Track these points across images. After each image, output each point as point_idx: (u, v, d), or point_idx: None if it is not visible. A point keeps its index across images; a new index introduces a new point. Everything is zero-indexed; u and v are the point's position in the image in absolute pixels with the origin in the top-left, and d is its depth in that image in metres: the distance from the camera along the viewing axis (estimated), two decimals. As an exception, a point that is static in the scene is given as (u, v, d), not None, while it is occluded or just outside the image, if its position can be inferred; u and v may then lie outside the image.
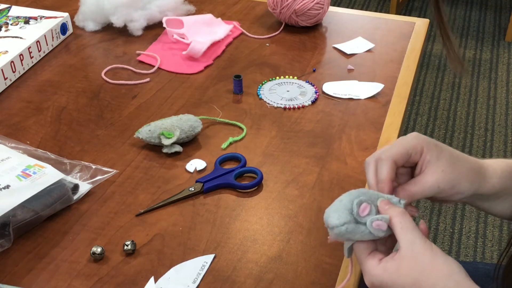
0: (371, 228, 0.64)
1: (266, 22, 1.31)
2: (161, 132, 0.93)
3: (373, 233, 0.64)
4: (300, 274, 0.76)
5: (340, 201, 0.66)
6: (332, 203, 0.67)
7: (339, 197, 0.67)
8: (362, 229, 0.64)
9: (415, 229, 0.63)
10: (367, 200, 0.65)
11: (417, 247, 0.62)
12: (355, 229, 0.64)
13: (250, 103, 1.06)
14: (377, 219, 0.64)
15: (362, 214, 0.64)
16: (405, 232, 0.63)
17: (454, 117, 2.48)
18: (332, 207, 0.66)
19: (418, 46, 1.23)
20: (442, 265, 0.62)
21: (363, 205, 0.65)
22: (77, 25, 1.29)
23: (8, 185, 0.82)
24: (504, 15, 3.19)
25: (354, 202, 0.65)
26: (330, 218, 0.65)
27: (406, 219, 0.63)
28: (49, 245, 0.79)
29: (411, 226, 0.63)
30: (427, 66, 2.80)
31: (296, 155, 0.95)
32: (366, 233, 0.64)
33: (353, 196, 0.66)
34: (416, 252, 0.62)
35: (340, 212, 0.65)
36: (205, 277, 0.75)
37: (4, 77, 1.09)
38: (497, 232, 1.95)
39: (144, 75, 1.14)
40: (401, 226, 0.63)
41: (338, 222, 0.64)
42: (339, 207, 0.65)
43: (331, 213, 0.65)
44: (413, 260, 0.62)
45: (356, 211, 0.64)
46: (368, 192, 0.68)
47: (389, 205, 0.66)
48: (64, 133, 0.99)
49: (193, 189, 0.87)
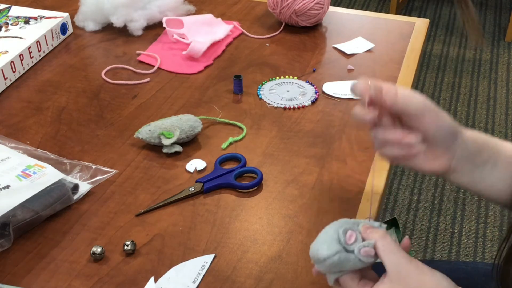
0: (359, 256, 0.63)
1: (266, 22, 1.31)
2: (161, 132, 0.93)
3: (363, 261, 0.63)
4: (300, 274, 0.76)
5: (325, 233, 0.65)
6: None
7: (322, 230, 0.66)
8: (352, 258, 0.64)
9: (398, 250, 0.63)
10: (351, 227, 0.65)
11: (403, 268, 0.62)
12: (347, 257, 0.63)
13: (250, 103, 1.06)
14: (364, 245, 0.63)
15: (349, 242, 0.64)
16: (388, 254, 0.63)
17: (454, 117, 2.48)
18: (319, 240, 0.65)
19: (418, 46, 1.23)
20: (430, 281, 0.62)
21: (349, 233, 0.64)
22: (77, 25, 1.29)
23: (8, 185, 0.82)
24: (504, 15, 3.19)
25: (340, 231, 0.64)
26: (320, 250, 0.64)
27: (387, 241, 0.63)
28: (49, 245, 0.79)
29: (393, 248, 0.63)
30: (427, 66, 2.80)
31: (296, 155, 0.95)
32: (357, 261, 0.64)
33: (336, 226, 0.66)
34: (403, 274, 0.62)
35: (328, 243, 0.64)
36: (205, 277, 0.75)
37: (4, 77, 1.09)
38: (497, 232, 1.95)
39: (144, 75, 1.14)
40: (383, 249, 0.63)
41: (329, 252, 0.63)
42: (326, 239, 0.64)
43: (320, 246, 0.64)
44: (401, 281, 0.62)
45: (344, 240, 0.64)
46: (350, 221, 0.67)
47: (369, 229, 0.65)
48: (64, 133, 0.99)
49: (193, 189, 0.87)
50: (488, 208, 2.05)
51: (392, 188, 2.13)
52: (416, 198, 2.09)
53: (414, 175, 2.19)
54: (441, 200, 2.08)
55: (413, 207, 2.06)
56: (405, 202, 2.08)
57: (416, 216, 2.02)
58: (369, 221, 0.67)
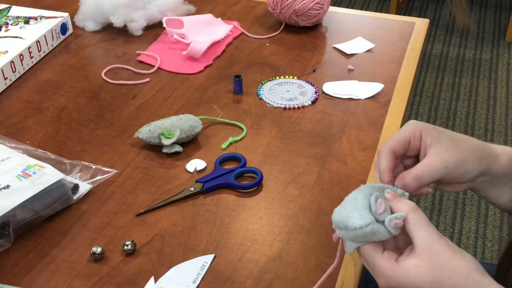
0: (389, 227, 0.60)
1: (266, 22, 1.31)
2: (161, 132, 0.93)
3: (391, 232, 0.61)
4: (300, 274, 0.76)
5: (354, 199, 0.62)
6: (336, 202, 0.64)
7: (350, 195, 0.63)
8: (383, 229, 0.60)
9: (430, 225, 0.61)
10: (380, 195, 0.62)
11: (435, 244, 0.60)
12: (379, 229, 0.60)
13: (250, 103, 1.06)
14: (395, 217, 0.60)
15: (379, 211, 0.61)
16: (420, 229, 0.60)
17: (454, 117, 2.48)
18: (348, 206, 0.61)
19: (418, 46, 1.23)
20: (461, 263, 0.60)
21: (379, 201, 0.61)
22: (77, 25, 1.29)
23: (8, 185, 0.82)
24: (504, 15, 3.19)
25: (371, 199, 0.61)
26: (351, 219, 0.60)
27: (419, 215, 0.61)
28: (49, 245, 0.79)
29: (425, 222, 0.61)
30: (427, 66, 2.80)
31: (296, 155, 0.95)
32: (386, 232, 0.61)
33: (366, 192, 0.62)
34: (434, 250, 0.60)
35: (360, 211, 0.60)
36: (205, 277, 0.75)
37: (4, 77, 1.09)
38: (497, 232, 1.95)
39: (144, 75, 1.14)
40: (414, 223, 0.61)
41: (362, 222, 0.60)
42: (357, 207, 0.61)
43: (351, 214, 0.60)
44: (431, 259, 0.59)
45: (375, 209, 0.60)
46: (376, 185, 0.64)
47: (397, 198, 0.63)
48: (64, 133, 0.99)
49: (193, 189, 0.87)
50: (488, 208, 2.05)
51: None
52: (416, 198, 2.09)
53: (414, 175, 2.19)
54: (441, 200, 2.08)
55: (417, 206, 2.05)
56: (405, 202, 2.08)
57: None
58: (393, 187, 0.65)
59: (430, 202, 2.07)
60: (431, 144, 0.68)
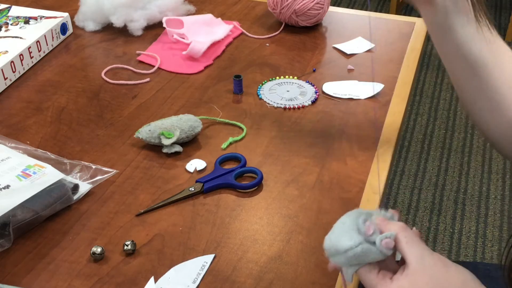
0: (380, 247, 0.61)
1: (266, 22, 1.31)
2: (161, 132, 0.93)
3: (384, 253, 0.62)
4: (300, 274, 0.76)
5: (343, 224, 0.63)
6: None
7: (338, 221, 0.64)
8: (374, 249, 0.61)
9: (420, 242, 0.62)
10: (368, 218, 0.63)
11: (427, 259, 0.61)
12: (369, 249, 0.61)
13: (250, 103, 1.06)
14: (386, 236, 0.61)
15: (368, 233, 0.62)
16: (411, 246, 0.61)
17: (454, 117, 2.48)
18: (337, 231, 0.63)
19: (418, 46, 1.23)
20: (456, 275, 0.61)
21: (367, 224, 0.62)
22: (77, 25, 1.29)
23: (8, 185, 0.82)
24: (504, 15, 3.19)
25: (359, 220, 0.62)
26: (342, 241, 0.61)
27: (409, 233, 0.62)
28: (49, 245, 0.79)
29: (416, 239, 0.62)
30: (427, 66, 2.80)
31: (296, 155, 0.95)
32: (378, 253, 0.62)
33: (352, 216, 0.64)
34: (427, 265, 0.60)
35: (350, 233, 0.62)
36: (205, 277, 0.75)
37: (4, 77, 1.09)
38: (497, 232, 1.96)
39: (144, 75, 1.14)
40: (406, 240, 0.62)
41: (352, 243, 0.61)
42: (346, 229, 0.62)
43: (341, 237, 0.62)
44: (426, 273, 0.60)
45: (364, 230, 0.62)
46: (363, 211, 0.66)
47: (386, 221, 0.64)
48: (64, 133, 0.99)
49: (193, 189, 0.87)
50: (488, 208, 2.05)
51: (392, 188, 2.13)
52: (416, 198, 2.09)
53: (414, 175, 2.19)
54: (441, 200, 2.08)
55: (413, 207, 2.06)
56: (405, 202, 2.08)
57: (416, 216, 2.02)
58: (380, 211, 0.65)
59: (430, 202, 2.07)
60: None
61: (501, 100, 0.78)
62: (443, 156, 2.27)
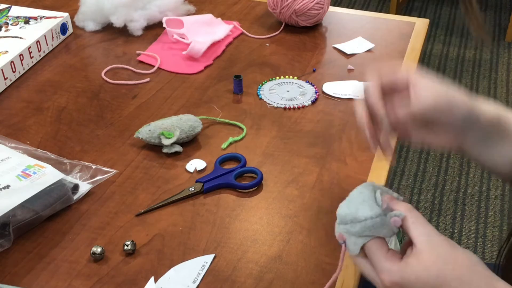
0: (388, 223, 0.61)
1: (266, 22, 1.31)
2: (161, 132, 0.93)
3: (391, 229, 0.61)
4: (300, 274, 0.76)
5: (361, 193, 0.63)
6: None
7: (355, 190, 0.64)
8: (389, 223, 0.61)
9: (427, 223, 0.62)
10: (382, 192, 0.63)
11: (434, 239, 0.60)
12: (385, 221, 0.61)
13: (250, 103, 1.06)
14: (395, 215, 0.61)
15: (384, 207, 0.62)
16: (418, 226, 0.61)
17: (454, 117, 2.48)
18: (355, 199, 0.62)
19: (418, 46, 1.23)
20: (464, 257, 0.60)
21: (384, 197, 0.62)
22: (77, 25, 1.29)
23: (8, 185, 0.82)
24: (504, 15, 3.19)
25: (377, 193, 0.62)
26: (361, 210, 0.61)
27: (416, 214, 0.62)
28: (49, 245, 0.79)
29: (423, 220, 0.62)
30: (427, 66, 2.80)
31: (296, 155, 0.95)
32: (389, 228, 0.61)
33: (369, 188, 0.63)
34: (434, 244, 0.60)
35: (369, 203, 0.61)
36: (205, 277, 0.75)
37: (4, 77, 1.09)
38: (497, 232, 1.96)
39: (144, 75, 1.14)
40: (412, 221, 0.61)
41: (373, 213, 0.60)
42: (365, 199, 0.62)
43: (360, 206, 0.61)
44: (433, 252, 0.59)
45: (381, 204, 0.61)
46: (377, 185, 0.65)
47: (395, 200, 0.64)
48: (64, 133, 0.99)
49: (193, 189, 0.87)
50: (488, 208, 2.05)
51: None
52: (416, 198, 2.09)
53: (414, 175, 2.19)
54: (441, 200, 2.08)
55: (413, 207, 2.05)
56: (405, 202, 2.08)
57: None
58: (388, 190, 0.65)
59: (430, 202, 2.07)
60: (420, 81, 0.69)
61: None
62: (443, 156, 2.27)
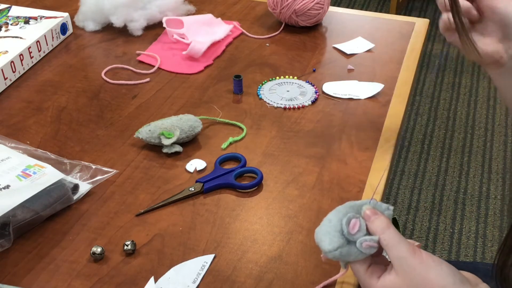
0: (361, 249, 0.63)
1: (266, 22, 1.31)
2: (161, 132, 0.93)
3: (365, 253, 0.63)
4: (300, 274, 0.76)
5: (329, 221, 0.65)
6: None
7: (327, 216, 0.66)
8: (355, 250, 0.63)
9: (400, 243, 0.62)
10: (355, 214, 0.64)
11: (406, 263, 0.61)
12: (349, 251, 0.63)
13: (250, 103, 1.06)
14: (365, 240, 0.63)
15: (353, 232, 0.63)
16: (391, 249, 0.62)
17: (454, 117, 2.48)
18: (322, 228, 0.65)
19: (418, 46, 1.23)
20: (436, 279, 0.61)
21: (352, 222, 0.64)
22: (77, 25, 1.29)
23: (8, 185, 0.82)
24: (504, 15, 3.18)
25: (343, 221, 0.64)
26: (322, 242, 0.64)
27: (390, 235, 0.63)
28: (49, 245, 0.79)
29: (395, 241, 0.62)
30: (427, 66, 2.80)
31: (296, 155, 0.95)
32: (359, 253, 0.63)
33: (341, 213, 0.65)
34: (406, 269, 0.61)
35: (331, 235, 0.64)
36: (205, 277, 0.75)
37: (4, 77, 1.09)
38: (497, 232, 1.96)
39: (144, 75, 1.14)
40: (385, 243, 0.62)
41: (331, 247, 0.63)
42: (329, 230, 0.64)
43: (322, 237, 0.64)
44: (407, 277, 0.61)
45: (347, 231, 0.63)
46: (356, 204, 0.66)
47: (374, 215, 0.64)
48: (64, 133, 0.99)
49: (193, 189, 0.87)
50: (488, 208, 2.05)
51: (392, 188, 2.13)
52: (416, 198, 2.09)
53: (414, 175, 2.19)
54: (441, 200, 2.08)
55: (413, 207, 2.06)
56: (405, 202, 2.08)
57: (416, 216, 2.02)
58: (375, 203, 0.66)
59: (430, 202, 2.07)
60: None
61: None
62: (443, 156, 2.27)
